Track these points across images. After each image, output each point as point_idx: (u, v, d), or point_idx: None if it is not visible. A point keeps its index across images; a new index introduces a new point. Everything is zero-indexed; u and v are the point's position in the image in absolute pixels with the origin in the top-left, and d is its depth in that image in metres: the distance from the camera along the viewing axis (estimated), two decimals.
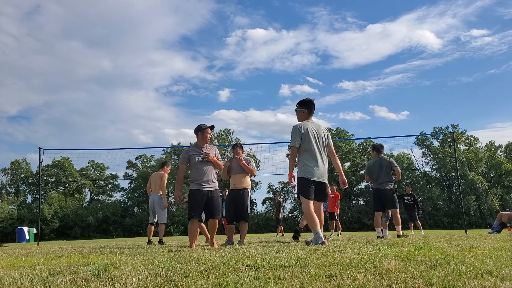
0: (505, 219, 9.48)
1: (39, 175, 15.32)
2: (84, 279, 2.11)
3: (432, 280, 1.71)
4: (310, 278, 1.89)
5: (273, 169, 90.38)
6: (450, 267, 2.09)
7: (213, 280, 1.94)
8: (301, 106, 5.35)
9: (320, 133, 5.19)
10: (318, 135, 5.15)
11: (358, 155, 49.52)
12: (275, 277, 1.98)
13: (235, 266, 2.43)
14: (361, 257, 2.86)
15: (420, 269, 2.04)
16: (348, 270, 2.06)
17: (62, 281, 2.07)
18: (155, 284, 1.91)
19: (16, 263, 3.52)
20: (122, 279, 2.06)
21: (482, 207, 43.72)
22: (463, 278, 1.76)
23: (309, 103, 5.32)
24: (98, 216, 44.76)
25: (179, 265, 2.63)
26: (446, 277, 1.78)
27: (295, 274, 2.02)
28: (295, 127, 5.10)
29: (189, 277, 2.06)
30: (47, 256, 4.40)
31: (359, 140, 51.41)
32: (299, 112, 5.36)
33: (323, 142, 5.21)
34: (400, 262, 2.39)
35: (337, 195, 13.38)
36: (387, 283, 1.70)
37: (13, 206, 46.31)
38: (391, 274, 1.93)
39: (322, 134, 5.23)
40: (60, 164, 49.69)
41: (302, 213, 49.73)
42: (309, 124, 5.17)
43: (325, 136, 5.25)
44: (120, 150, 23.22)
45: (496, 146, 51.44)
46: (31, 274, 2.42)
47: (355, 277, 1.84)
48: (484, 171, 48.92)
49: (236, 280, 1.89)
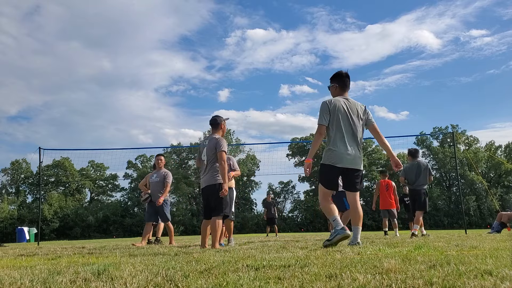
0: (505, 219, 9.49)
1: (39, 175, 15.32)
2: (84, 279, 2.11)
3: (432, 280, 1.71)
4: (310, 278, 1.89)
5: (273, 169, 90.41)
6: (450, 267, 2.09)
7: (213, 280, 1.94)
8: (332, 80, 4.64)
9: (354, 110, 4.41)
10: (351, 112, 4.37)
11: None
12: (275, 277, 1.98)
13: (235, 266, 2.43)
14: (361, 257, 2.86)
15: (420, 269, 2.04)
16: (348, 270, 2.06)
17: (62, 281, 2.07)
18: (155, 284, 1.91)
19: (16, 263, 3.52)
20: (122, 279, 2.06)
21: (482, 207, 43.73)
22: (463, 278, 1.76)
23: (341, 76, 4.58)
24: (98, 216, 44.76)
25: (179, 265, 2.63)
26: (446, 277, 1.78)
27: (295, 274, 2.02)
28: (323, 103, 4.38)
29: (189, 277, 2.06)
30: (47, 256, 4.41)
31: None
32: (331, 89, 4.66)
33: (359, 121, 4.41)
34: (400, 262, 2.39)
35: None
36: (387, 283, 1.70)
37: (13, 206, 46.32)
38: (391, 274, 1.93)
39: (358, 112, 4.43)
40: (60, 164, 49.69)
41: (302, 213, 49.58)
42: (341, 99, 4.42)
43: (361, 114, 4.45)
44: (120, 150, 23.24)
45: (496, 146, 51.45)
46: (31, 274, 2.42)
47: (355, 277, 1.84)
48: (484, 171, 48.92)
49: (236, 280, 1.89)
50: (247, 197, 50.63)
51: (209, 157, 5.25)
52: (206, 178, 5.26)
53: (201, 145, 5.60)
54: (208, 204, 5.26)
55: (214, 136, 5.38)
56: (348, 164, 4.28)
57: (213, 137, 5.36)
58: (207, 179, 5.24)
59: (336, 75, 4.60)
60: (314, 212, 44.64)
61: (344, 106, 4.38)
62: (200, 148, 5.56)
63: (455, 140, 20.40)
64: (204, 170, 5.33)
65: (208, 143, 5.33)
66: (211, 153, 5.24)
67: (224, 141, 5.31)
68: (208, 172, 5.24)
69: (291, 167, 50.23)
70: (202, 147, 5.44)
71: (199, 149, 5.58)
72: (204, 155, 5.31)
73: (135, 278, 2.05)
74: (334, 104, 4.35)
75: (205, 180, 5.27)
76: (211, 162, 5.24)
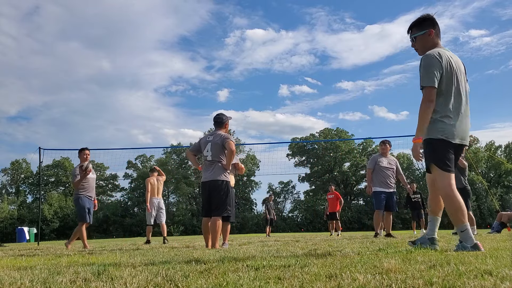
0: (505, 219, 9.49)
1: (39, 175, 15.32)
2: (84, 279, 2.11)
3: (432, 280, 1.71)
4: (310, 278, 1.89)
5: (273, 169, 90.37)
6: (450, 267, 2.09)
7: (213, 280, 1.94)
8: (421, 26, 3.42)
9: (461, 67, 3.40)
10: (459, 69, 3.36)
11: (358, 155, 49.52)
12: (275, 277, 1.98)
13: (235, 266, 2.43)
14: (361, 257, 2.86)
15: (420, 269, 2.04)
16: (348, 270, 2.06)
17: (62, 281, 2.07)
18: (155, 284, 1.91)
19: (16, 263, 3.52)
20: (122, 279, 2.06)
21: (482, 207, 43.75)
22: (463, 278, 1.76)
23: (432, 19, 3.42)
24: (98, 216, 44.72)
25: (179, 265, 2.63)
26: (446, 277, 1.78)
27: (295, 274, 2.02)
28: (431, 56, 3.24)
29: (189, 277, 2.06)
30: (47, 256, 4.40)
31: (359, 140, 51.50)
32: (421, 38, 3.43)
33: (465, 81, 3.44)
34: (400, 262, 2.39)
35: (337, 195, 13.36)
36: (387, 283, 1.70)
37: (13, 206, 46.30)
38: (391, 274, 1.93)
39: (464, 69, 3.47)
40: (60, 164, 49.68)
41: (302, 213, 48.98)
42: (446, 52, 3.33)
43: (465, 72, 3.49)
44: (120, 150, 23.23)
45: (496, 146, 51.47)
46: (31, 274, 2.42)
47: (355, 277, 1.84)
48: (484, 171, 48.94)
49: (236, 280, 1.89)
50: (247, 197, 50.62)
51: (214, 153, 5.12)
52: (210, 174, 5.12)
53: (202, 140, 5.39)
54: (209, 201, 5.11)
55: (218, 132, 5.27)
56: (461, 139, 3.31)
57: (218, 133, 5.25)
58: (211, 174, 5.10)
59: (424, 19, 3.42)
60: (314, 212, 44.64)
61: (452, 61, 3.30)
62: (200, 144, 5.35)
63: None
64: (208, 165, 5.17)
65: (213, 139, 5.18)
66: (218, 148, 5.11)
67: (231, 136, 5.26)
68: (214, 168, 5.11)
69: (291, 167, 50.29)
70: (205, 142, 5.25)
71: (198, 144, 5.38)
72: (209, 151, 5.15)
73: (135, 278, 2.05)
74: (444, 57, 3.25)
75: (209, 175, 5.12)
76: (216, 157, 5.11)
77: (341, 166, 50.35)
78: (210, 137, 5.27)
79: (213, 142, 5.17)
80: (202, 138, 5.45)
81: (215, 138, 5.18)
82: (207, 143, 5.22)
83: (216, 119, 5.39)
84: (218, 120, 5.38)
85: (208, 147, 5.19)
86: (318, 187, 49.11)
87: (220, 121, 5.36)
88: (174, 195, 49.99)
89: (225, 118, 5.40)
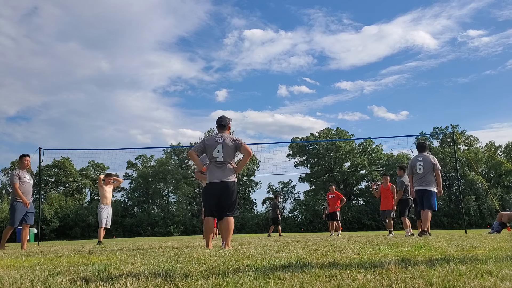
0: (505, 219, 9.49)
1: (39, 175, 15.32)
2: (84, 279, 2.11)
3: (432, 280, 1.71)
4: (310, 278, 1.89)
5: (273, 169, 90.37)
6: (450, 267, 2.09)
7: (213, 280, 1.94)
8: None
9: None
10: None
11: (358, 155, 49.52)
12: (275, 277, 1.98)
13: (235, 266, 2.43)
14: (361, 257, 2.86)
15: (420, 269, 2.04)
16: (348, 270, 2.06)
17: (62, 281, 2.07)
18: (155, 284, 1.91)
19: (16, 263, 3.52)
20: (122, 279, 2.06)
21: (482, 207, 43.73)
22: (463, 278, 1.76)
23: None
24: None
25: (179, 265, 2.63)
26: (446, 277, 1.78)
27: (295, 274, 2.02)
28: None
29: (189, 277, 2.06)
30: (47, 256, 4.41)
31: (359, 140, 51.50)
32: None
33: None
34: (400, 262, 2.39)
35: (339, 195, 13.35)
36: (387, 283, 1.70)
37: None
38: (391, 274, 1.93)
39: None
40: (60, 164, 49.65)
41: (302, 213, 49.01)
42: None
43: None
44: (120, 150, 23.14)
45: (496, 146, 51.46)
46: (32, 274, 2.42)
47: (355, 277, 1.84)
48: (484, 171, 48.93)
49: (236, 280, 1.89)
50: (247, 197, 50.62)
51: (226, 154, 5.17)
52: (221, 175, 5.14)
53: (209, 141, 5.35)
54: (219, 201, 5.12)
55: (226, 134, 5.40)
56: None
57: (227, 135, 5.38)
58: (223, 175, 5.13)
59: None
60: (314, 212, 44.64)
61: None
62: (205, 145, 5.33)
63: (455, 140, 20.39)
64: (217, 166, 5.18)
65: (224, 141, 5.24)
66: (230, 151, 5.19)
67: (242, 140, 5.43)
68: (225, 170, 5.15)
69: (291, 167, 50.27)
70: (215, 144, 5.25)
71: (203, 145, 5.36)
72: (219, 152, 5.18)
73: (135, 278, 2.05)
74: None
75: (220, 176, 5.14)
76: (227, 159, 5.18)
77: (341, 166, 50.37)
78: (219, 138, 5.30)
79: (224, 144, 5.23)
80: (209, 139, 5.43)
81: (227, 140, 5.25)
82: (217, 144, 5.26)
83: (220, 121, 5.51)
84: (222, 122, 5.50)
85: (219, 148, 5.23)
86: (318, 187, 49.12)
87: (224, 124, 5.50)
88: (174, 195, 50.00)
89: (228, 120, 5.56)
